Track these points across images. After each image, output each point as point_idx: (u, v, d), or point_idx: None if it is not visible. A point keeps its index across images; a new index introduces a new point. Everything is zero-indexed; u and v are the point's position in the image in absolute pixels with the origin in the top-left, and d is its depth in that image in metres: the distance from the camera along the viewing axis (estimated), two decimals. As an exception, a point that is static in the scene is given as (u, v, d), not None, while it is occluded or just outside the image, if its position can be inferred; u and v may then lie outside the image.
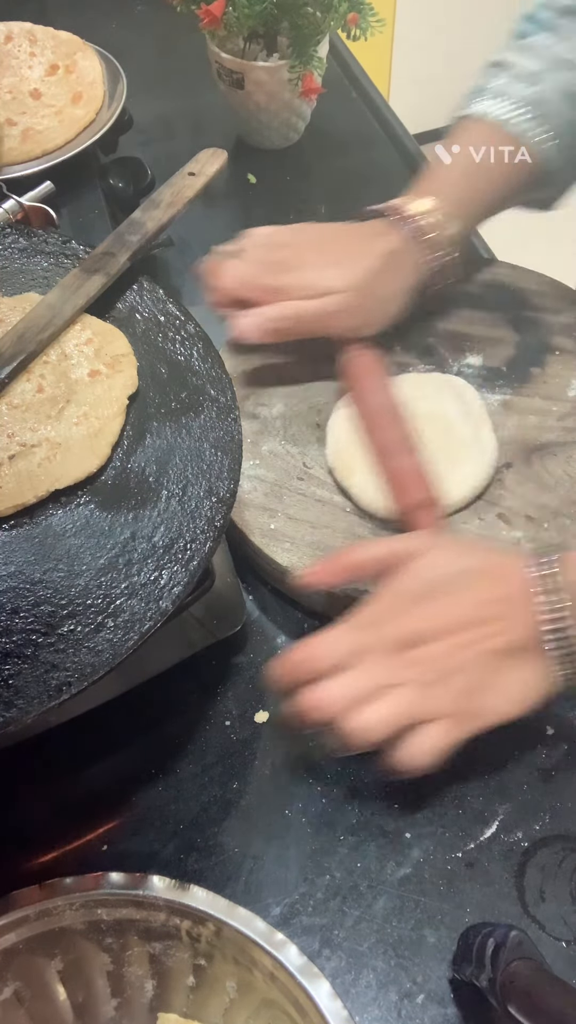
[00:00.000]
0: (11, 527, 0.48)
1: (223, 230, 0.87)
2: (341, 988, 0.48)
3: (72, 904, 0.45)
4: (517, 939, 0.44)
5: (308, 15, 0.81)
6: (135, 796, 0.55)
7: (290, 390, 0.70)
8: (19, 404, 0.51)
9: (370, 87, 1.03)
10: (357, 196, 0.90)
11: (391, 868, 0.52)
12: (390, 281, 0.66)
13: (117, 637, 0.44)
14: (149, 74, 1.01)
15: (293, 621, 0.62)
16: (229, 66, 0.86)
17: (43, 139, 0.77)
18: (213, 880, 0.52)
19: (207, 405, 0.53)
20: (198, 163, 0.66)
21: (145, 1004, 0.46)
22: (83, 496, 0.49)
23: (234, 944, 0.44)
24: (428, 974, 0.49)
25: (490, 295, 0.75)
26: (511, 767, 0.55)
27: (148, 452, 0.51)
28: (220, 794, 0.55)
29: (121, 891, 0.45)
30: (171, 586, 0.46)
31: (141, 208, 0.63)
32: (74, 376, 0.53)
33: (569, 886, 0.51)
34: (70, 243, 0.61)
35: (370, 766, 0.55)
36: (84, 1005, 0.46)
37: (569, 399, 0.69)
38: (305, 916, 0.51)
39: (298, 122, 0.93)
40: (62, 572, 0.46)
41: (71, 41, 0.84)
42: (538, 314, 0.74)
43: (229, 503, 0.50)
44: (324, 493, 0.64)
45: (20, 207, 0.68)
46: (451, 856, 0.52)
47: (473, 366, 0.71)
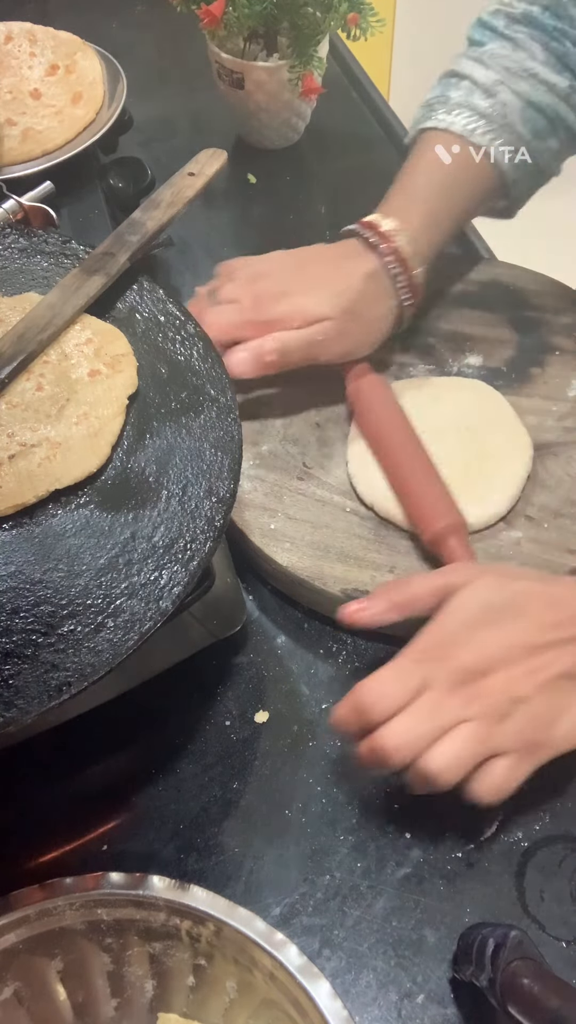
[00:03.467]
0: (11, 527, 0.48)
1: (223, 230, 0.88)
2: (341, 988, 0.48)
3: (72, 904, 0.45)
4: (517, 939, 0.44)
5: (308, 15, 0.81)
6: (135, 796, 0.55)
7: (290, 390, 0.70)
8: (19, 403, 0.51)
9: (370, 87, 1.03)
10: (357, 196, 0.90)
11: (391, 868, 0.52)
12: (374, 303, 0.66)
13: (117, 637, 0.44)
14: (149, 74, 1.01)
15: (293, 621, 0.62)
16: (229, 66, 0.86)
17: (43, 139, 0.77)
18: (213, 880, 0.52)
19: (207, 405, 0.53)
20: (198, 163, 0.66)
21: (145, 1004, 0.46)
22: (83, 496, 0.49)
23: (234, 944, 0.44)
24: (428, 974, 0.49)
25: (490, 295, 0.75)
26: (511, 767, 0.55)
27: (148, 452, 0.51)
28: (220, 794, 0.55)
29: (121, 891, 0.45)
30: (171, 586, 0.46)
31: (141, 208, 0.62)
32: (74, 376, 0.53)
33: (569, 886, 0.51)
34: (70, 243, 0.61)
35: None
36: (84, 1005, 0.46)
37: (569, 399, 0.69)
38: (305, 916, 0.51)
39: (298, 122, 0.93)
40: (62, 572, 0.46)
41: (71, 41, 0.84)
42: (538, 314, 0.74)
43: (229, 503, 0.50)
44: (324, 493, 0.64)
45: (20, 207, 0.68)
46: (451, 856, 0.52)
47: (473, 366, 0.71)
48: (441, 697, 0.48)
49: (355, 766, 0.51)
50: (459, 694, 0.48)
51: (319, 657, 0.60)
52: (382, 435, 0.64)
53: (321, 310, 0.64)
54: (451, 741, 0.47)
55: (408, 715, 0.48)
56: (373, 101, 1.01)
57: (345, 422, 0.68)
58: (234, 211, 0.90)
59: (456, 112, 0.68)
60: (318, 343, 0.64)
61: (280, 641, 0.61)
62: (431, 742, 0.47)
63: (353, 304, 0.64)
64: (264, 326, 0.64)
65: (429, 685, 0.49)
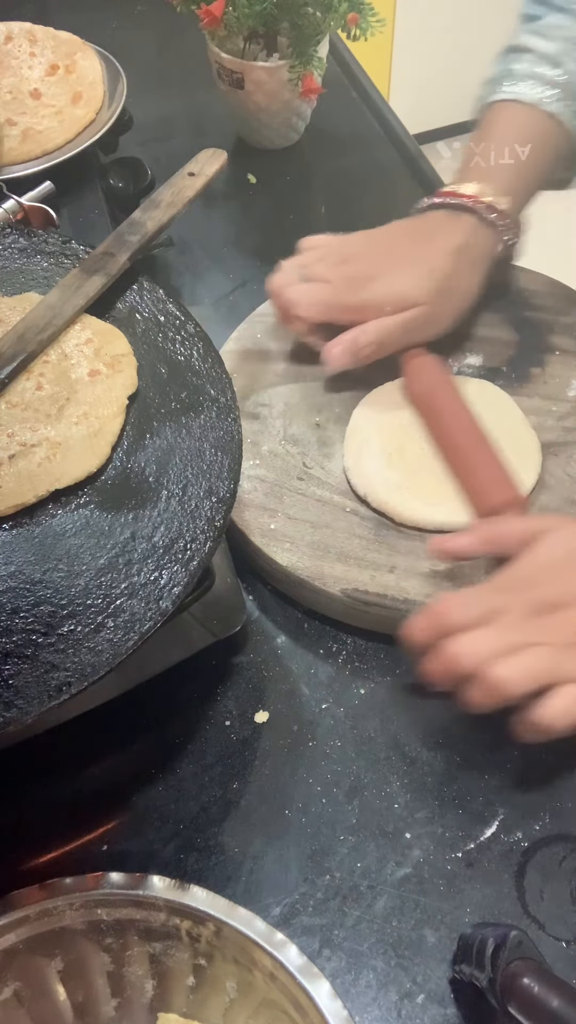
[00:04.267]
0: (11, 527, 0.48)
1: (223, 230, 0.88)
2: (341, 988, 0.48)
3: (72, 904, 0.45)
4: (517, 939, 0.44)
5: (308, 15, 0.81)
6: (135, 796, 0.55)
7: (290, 390, 0.70)
8: (19, 403, 0.51)
9: (370, 87, 1.03)
10: (357, 196, 0.91)
11: (391, 868, 0.52)
12: (464, 278, 0.66)
13: (117, 637, 0.44)
14: (149, 74, 1.01)
15: (293, 621, 0.62)
16: (229, 66, 0.86)
17: (43, 139, 0.77)
18: (213, 880, 0.52)
19: (207, 405, 0.53)
20: (198, 163, 0.66)
21: (145, 1004, 0.46)
22: (83, 496, 0.49)
23: (234, 944, 0.44)
24: (428, 974, 0.49)
25: (490, 295, 0.75)
26: (511, 767, 0.55)
27: (148, 452, 0.51)
28: (220, 794, 0.55)
29: (121, 891, 0.45)
30: (171, 586, 0.46)
31: (141, 208, 0.62)
32: (74, 376, 0.53)
33: (569, 886, 0.51)
34: (70, 243, 0.61)
35: (371, 766, 0.55)
36: (84, 1005, 0.46)
37: (569, 399, 0.69)
38: (305, 916, 0.51)
39: (298, 122, 0.93)
40: (62, 572, 0.46)
41: (71, 41, 0.84)
42: (538, 314, 0.74)
43: (229, 503, 0.50)
44: (324, 493, 0.64)
45: (20, 207, 0.68)
46: (451, 856, 0.52)
47: (473, 366, 0.71)
48: (518, 621, 0.49)
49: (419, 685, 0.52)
50: (535, 622, 0.49)
51: (319, 657, 0.60)
52: (442, 412, 0.64)
53: (415, 295, 0.63)
54: (523, 655, 0.48)
55: (484, 629, 0.49)
56: (373, 101, 1.01)
57: (345, 422, 0.68)
58: (234, 211, 0.90)
59: (523, 83, 0.67)
60: (413, 330, 0.64)
61: (280, 641, 0.61)
62: (501, 656, 0.48)
63: (445, 283, 0.64)
64: (356, 312, 0.64)
65: (508, 611, 0.50)
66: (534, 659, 0.48)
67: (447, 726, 0.57)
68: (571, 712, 0.48)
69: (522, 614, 0.50)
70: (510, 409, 0.67)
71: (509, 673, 0.47)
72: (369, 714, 0.58)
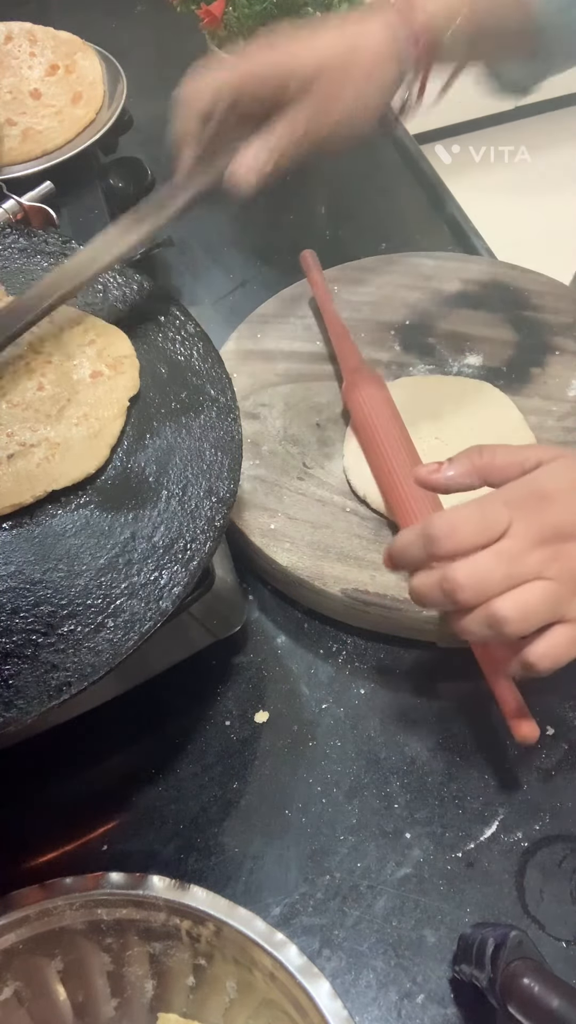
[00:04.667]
0: (11, 527, 0.48)
1: (223, 230, 0.88)
2: (341, 988, 0.48)
3: (72, 904, 0.45)
4: (517, 939, 0.44)
5: (308, 15, 0.81)
6: (135, 796, 0.55)
7: (290, 390, 0.70)
8: (19, 403, 0.51)
9: (370, 87, 1.02)
10: (357, 196, 0.91)
11: (391, 868, 0.52)
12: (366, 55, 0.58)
13: (117, 637, 0.44)
14: (149, 74, 1.00)
15: (293, 621, 0.62)
16: (229, 66, 0.85)
17: (43, 139, 0.77)
18: (213, 880, 0.52)
19: (207, 405, 0.53)
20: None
21: (145, 1004, 0.46)
22: (83, 496, 0.49)
23: (234, 944, 0.44)
24: (428, 974, 0.49)
25: (490, 295, 0.75)
26: (511, 767, 0.55)
27: (148, 452, 0.51)
28: (220, 794, 0.55)
29: (121, 891, 0.45)
30: (171, 586, 0.46)
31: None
32: (76, 377, 0.53)
33: (569, 886, 0.51)
34: (70, 243, 0.61)
35: (371, 766, 0.55)
36: (84, 1005, 0.46)
37: (569, 399, 0.69)
38: (305, 916, 0.51)
39: (298, 122, 0.92)
40: (62, 572, 0.46)
41: (71, 41, 0.84)
42: (538, 314, 0.74)
43: (229, 503, 0.50)
44: (324, 493, 0.64)
45: (20, 207, 0.68)
46: (451, 856, 0.52)
47: (473, 366, 0.71)
48: (523, 548, 0.46)
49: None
50: (541, 551, 0.46)
51: (319, 657, 0.60)
52: (374, 439, 0.64)
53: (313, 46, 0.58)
54: (526, 591, 0.45)
55: (488, 555, 0.46)
56: (373, 101, 1.01)
57: (345, 422, 0.68)
58: (234, 211, 0.90)
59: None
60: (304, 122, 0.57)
61: (280, 641, 0.61)
62: (504, 589, 0.45)
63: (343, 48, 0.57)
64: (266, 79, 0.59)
65: (512, 533, 0.46)
66: (538, 598, 0.45)
67: (447, 726, 0.57)
68: (558, 654, 0.46)
69: (528, 540, 0.46)
70: (509, 410, 0.67)
71: (510, 612, 0.45)
72: (369, 714, 0.58)
